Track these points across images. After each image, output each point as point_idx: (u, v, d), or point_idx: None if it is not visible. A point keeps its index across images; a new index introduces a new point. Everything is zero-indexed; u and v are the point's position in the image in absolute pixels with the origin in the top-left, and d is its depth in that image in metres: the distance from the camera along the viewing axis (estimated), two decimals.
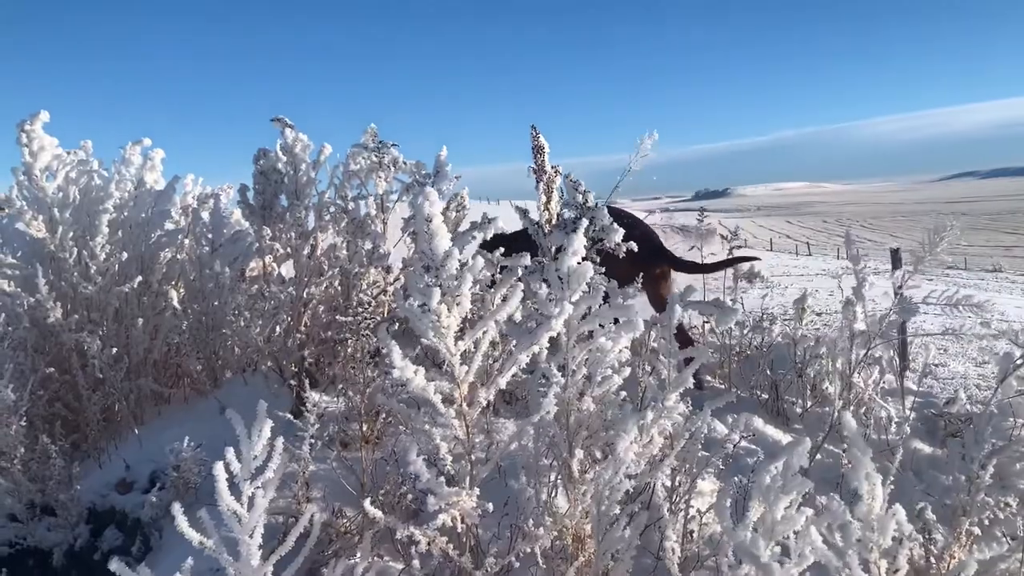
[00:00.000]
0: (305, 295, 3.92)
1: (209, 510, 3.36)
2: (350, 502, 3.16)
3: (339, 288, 4.02)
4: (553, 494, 2.62)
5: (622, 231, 3.38)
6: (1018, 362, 3.14)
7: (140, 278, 3.90)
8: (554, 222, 4.12)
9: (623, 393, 2.76)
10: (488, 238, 4.03)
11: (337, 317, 3.70)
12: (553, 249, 4.06)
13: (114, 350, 3.82)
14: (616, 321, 2.53)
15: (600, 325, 2.49)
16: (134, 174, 4.13)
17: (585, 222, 2.69)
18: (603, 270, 3.47)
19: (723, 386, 4.42)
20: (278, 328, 3.97)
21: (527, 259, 3.68)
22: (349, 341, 3.72)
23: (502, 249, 3.91)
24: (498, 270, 3.69)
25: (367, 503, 2.12)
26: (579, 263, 2.50)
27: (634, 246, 3.42)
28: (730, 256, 4.62)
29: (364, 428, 3.37)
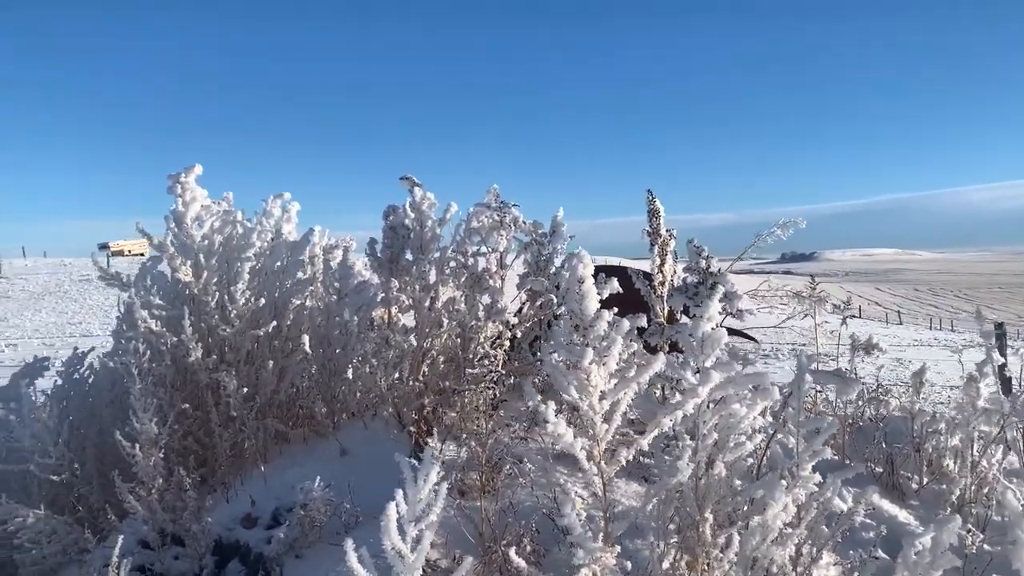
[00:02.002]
0: (425, 345, 4.09)
1: (333, 549, 3.50)
2: (468, 550, 3.23)
3: (457, 340, 4.16)
4: (678, 557, 2.65)
5: (743, 295, 3.44)
6: None
7: (274, 323, 4.14)
8: (668, 285, 4.20)
9: (750, 460, 2.79)
10: (604, 297, 4.13)
11: (466, 370, 3.84)
12: (668, 311, 4.13)
13: (244, 389, 4.04)
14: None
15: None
16: (273, 225, 4.41)
17: (721, 288, 2.76)
18: None
19: (835, 457, 4.35)
20: (397, 375, 4.14)
21: (643, 320, 3.76)
22: (467, 393, 3.85)
23: None
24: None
25: (512, 552, 2.21)
26: (714, 328, 2.57)
27: None
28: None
29: (483, 478, 3.46)
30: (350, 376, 4.41)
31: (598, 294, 3.98)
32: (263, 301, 4.22)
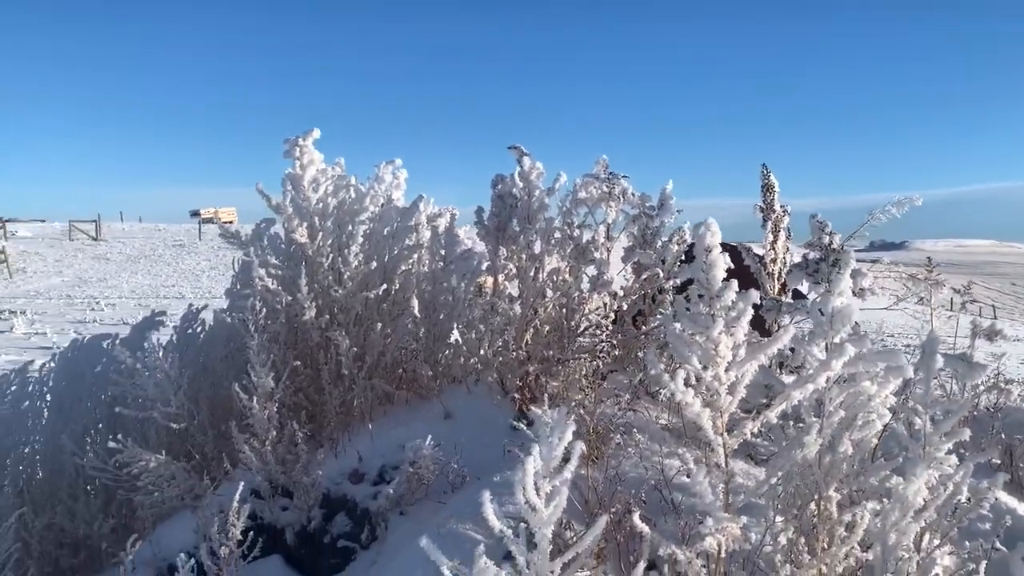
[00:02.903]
0: (530, 314, 4.12)
1: (437, 507, 3.56)
2: (575, 516, 3.26)
3: (561, 311, 4.17)
4: (796, 534, 2.61)
5: (869, 275, 3.33)
6: None
7: (383, 286, 4.23)
8: (780, 262, 4.10)
9: (874, 440, 2.71)
10: None
11: (572, 340, 3.86)
12: (778, 288, 4.05)
13: (354, 349, 4.15)
14: None
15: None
16: (383, 190, 4.49)
17: (847, 264, 2.68)
18: None
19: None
20: (500, 343, 4.19)
21: (755, 295, 3.68)
22: (572, 363, 3.86)
23: None
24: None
25: (636, 518, 2.22)
26: (844, 303, 2.50)
27: None
28: None
29: (590, 447, 3.47)
30: (454, 341, 4.48)
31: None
32: (374, 264, 4.32)
